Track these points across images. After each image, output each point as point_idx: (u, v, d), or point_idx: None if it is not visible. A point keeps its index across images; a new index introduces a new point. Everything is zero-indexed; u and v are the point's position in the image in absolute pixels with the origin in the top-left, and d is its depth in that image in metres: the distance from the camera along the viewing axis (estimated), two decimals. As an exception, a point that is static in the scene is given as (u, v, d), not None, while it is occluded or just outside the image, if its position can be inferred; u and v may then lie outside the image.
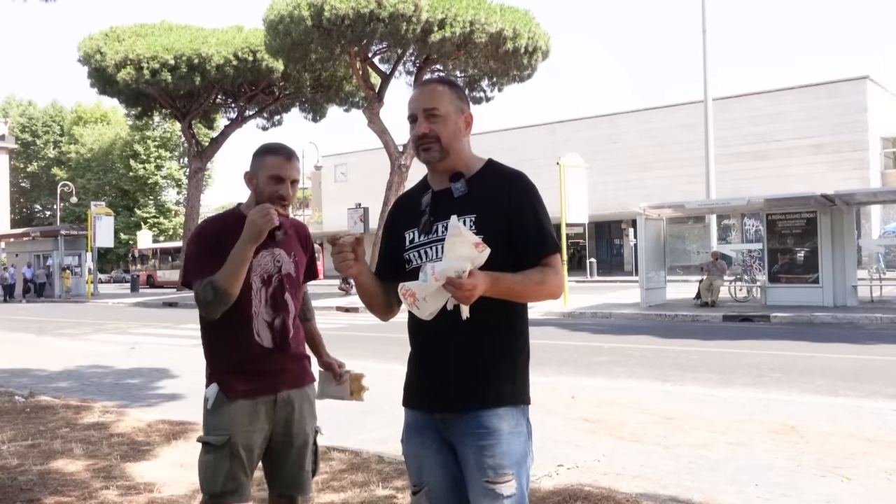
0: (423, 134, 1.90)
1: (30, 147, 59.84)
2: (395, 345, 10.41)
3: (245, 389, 2.26)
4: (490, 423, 1.82)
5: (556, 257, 1.88)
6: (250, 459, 2.27)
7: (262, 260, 2.30)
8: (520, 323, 1.92)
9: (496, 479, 1.78)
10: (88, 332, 14.82)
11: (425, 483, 1.91)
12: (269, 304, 2.31)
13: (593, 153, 31.39)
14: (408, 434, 1.98)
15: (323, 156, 48.82)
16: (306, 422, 2.39)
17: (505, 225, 1.84)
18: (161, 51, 25.72)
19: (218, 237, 2.26)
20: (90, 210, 30.33)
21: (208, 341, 2.35)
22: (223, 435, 2.22)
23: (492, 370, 1.85)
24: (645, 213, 17.26)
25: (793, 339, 10.86)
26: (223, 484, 2.20)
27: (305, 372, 2.43)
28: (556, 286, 1.87)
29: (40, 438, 5.06)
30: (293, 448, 2.36)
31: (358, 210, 26.51)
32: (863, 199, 17.70)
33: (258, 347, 2.28)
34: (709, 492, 3.74)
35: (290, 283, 2.37)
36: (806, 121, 31.92)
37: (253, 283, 2.27)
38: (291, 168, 2.31)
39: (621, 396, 6.41)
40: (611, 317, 15.36)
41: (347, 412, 5.79)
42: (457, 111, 1.93)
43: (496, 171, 1.95)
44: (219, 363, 2.31)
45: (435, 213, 1.90)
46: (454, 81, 2.08)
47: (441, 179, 1.95)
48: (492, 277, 1.72)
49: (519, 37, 21.63)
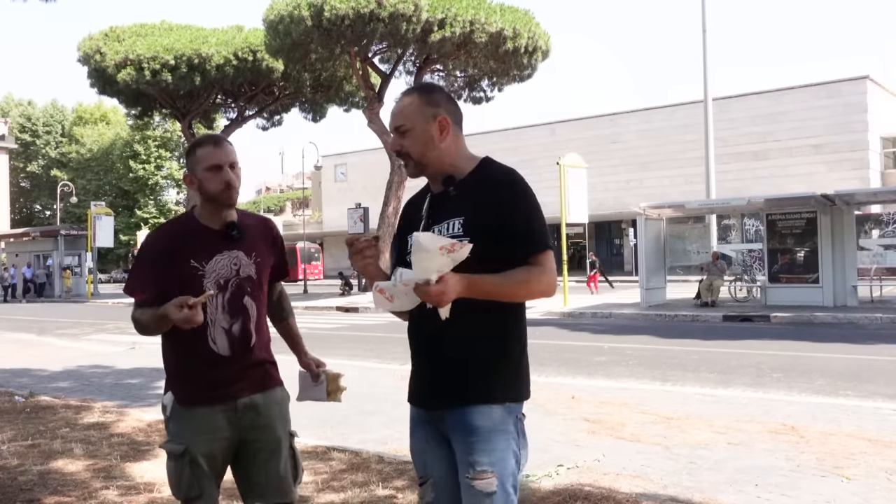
0: (396, 151, 1.97)
1: (30, 147, 59.83)
2: (396, 345, 10.40)
3: (201, 398, 2.18)
4: (473, 420, 1.84)
5: (544, 255, 1.85)
6: (213, 466, 2.19)
7: (217, 265, 2.18)
8: (510, 322, 1.91)
9: (475, 475, 1.81)
10: (88, 332, 14.82)
11: (430, 475, 1.97)
12: (226, 311, 2.19)
13: (593, 153, 31.38)
14: (413, 429, 2.03)
15: (323, 156, 48.78)
16: (275, 426, 2.26)
17: (495, 225, 1.83)
18: (161, 51, 25.71)
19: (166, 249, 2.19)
20: (90, 210, 30.33)
21: (166, 348, 2.27)
22: (180, 444, 2.17)
23: (477, 369, 1.86)
24: (645, 213, 17.27)
25: (793, 339, 10.86)
26: (187, 491, 2.17)
27: (268, 376, 2.30)
28: (545, 285, 1.84)
29: (40, 438, 5.06)
30: (264, 453, 2.25)
31: (358, 210, 26.51)
32: (863, 199, 17.68)
33: (213, 356, 2.18)
34: (709, 492, 3.74)
35: (250, 285, 2.24)
36: (806, 121, 31.92)
37: (207, 289, 2.15)
38: (224, 153, 2.18)
39: (621, 396, 6.41)
40: (611, 317, 15.36)
41: (347, 412, 5.81)
42: (425, 120, 1.91)
43: (487, 171, 1.95)
44: (175, 370, 2.25)
45: (432, 217, 1.94)
46: (427, 86, 2.03)
47: (437, 182, 1.98)
48: (467, 280, 1.73)
49: (519, 37, 21.63)
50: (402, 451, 4.34)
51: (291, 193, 73.52)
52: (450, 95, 2.02)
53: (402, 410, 2.01)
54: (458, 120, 1.98)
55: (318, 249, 44.67)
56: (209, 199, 2.20)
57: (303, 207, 53.33)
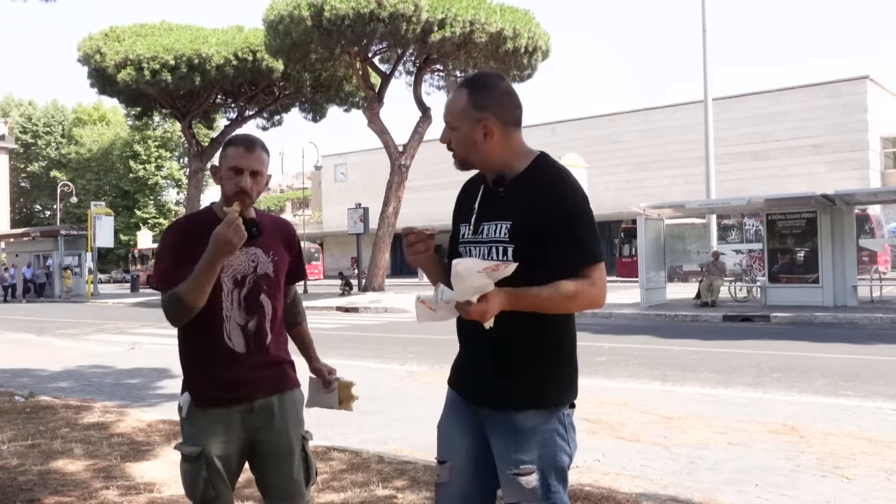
0: (445, 144, 1.94)
1: (30, 148, 59.84)
2: (395, 345, 10.38)
3: (217, 398, 2.16)
4: (517, 421, 1.85)
5: (594, 267, 1.79)
6: (228, 468, 2.18)
7: (236, 260, 2.17)
8: (555, 329, 1.87)
9: (518, 471, 1.83)
10: (88, 332, 14.81)
11: (450, 458, 1.98)
12: (242, 307, 2.18)
13: (593, 153, 31.41)
14: (446, 409, 2.04)
15: (323, 156, 48.83)
16: (289, 428, 2.25)
17: (541, 232, 1.79)
18: (161, 51, 25.72)
19: (189, 239, 2.15)
20: (90, 210, 30.32)
21: (182, 346, 2.26)
22: (196, 446, 2.15)
23: (517, 371, 1.85)
24: (645, 213, 17.27)
25: (793, 339, 10.86)
26: (202, 493, 2.15)
27: (285, 376, 2.28)
28: (593, 297, 1.79)
29: (40, 438, 5.06)
30: (277, 456, 2.24)
31: (358, 210, 26.50)
32: (863, 199, 17.71)
33: (229, 352, 2.16)
34: (709, 492, 3.74)
35: (267, 284, 2.22)
36: (806, 121, 31.95)
37: (224, 284, 2.14)
38: (251, 158, 2.15)
39: (621, 396, 6.41)
40: (611, 317, 15.36)
41: (347, 412, 5.79)
42: (470, 123, 1.86)
43: (540, 171, 1.88)
44: (191, 369, 2.23)
45: (482, 212, 1.92)
46: (479, 82, 1.91)
47: (490, 175, 1.95)
48: (513, 296, 1.71)
49: (519, 37, 21.65)
50: (402, 451, 4.34)
51: (291, 193, 73.49)
52: (506, 92, 1.88)
53: (402, 410, 2.02)
54: (509, 119, 1.88)
55: (319, 249, 44.68)
56: (225, 198, 2.19)
57: (303, 207, 53.35)
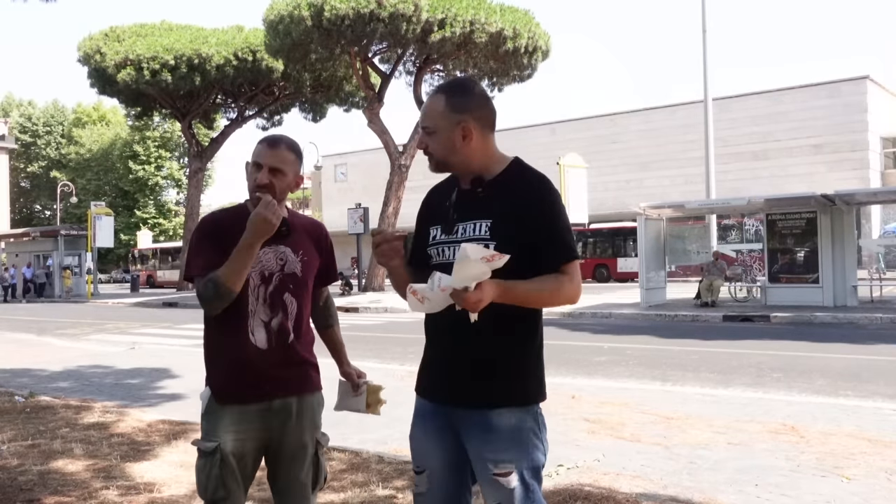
0: (423, 149, 1.96)
1: (30, 148, 59.84)
2: (395, 345, 10.38)
3: (237, 394, 2.16)
4: (494, 421, 1.86)
5: (572, 264, 1.87)
6: (242, 467, 2.18)
7: (264, 256, 2.17)
8: (530, 325, 1.93)
9: (497, 471, 1.85)
10: (88, 332, 14.81)
11: (427, 466, 1.99)
12: (266, 303, 2.18)
13: (593, 153, 31.43)
14: (415, 419, 2.05)
15: (323, 156, 48.87)
16: (304, 431, 2.24)
17: (521, 230, 1.84)
18: (161, 51, 25.73)
19: (221, 230, 2.17)
20: (90, 210, 30.32)
21: (206, 340, 2.27)
22: (213, 441, 2.15)
23: (496, 370, 1.88)
24: (645, 213, 17.27)
25: (793, 339, 10.86)
26: (213, 491, 2.15)
27: (307, 378, 2.27)
28: (571, 293, 1.87)
29: (40, 438, 5.06)
30: (287, 458, 2.23)
31: (358, 210, 26.49)
32: (863, 199, 17.71)
33: (252, 347, 2.16)
34: (709, 492, 3.74)
35: (293, 282, 2.22)
36: (806, 121, 31.97)
37: (251, 279, 2.15)
38: (271, 155, 2.17)
39: (621, 396, 6.40)
40: (611, 317, 15.36)
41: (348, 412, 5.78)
42: (450, 126, 1.89)
43: (518, 174, 1.93)
44: (214, 364, 2.24)
45: (458, 213, 1.94)
46: (457, 87, 1.96)
47: (465, 179, 1.97)
48: (502, 287, 1.74)
49: (519, 37, 21.65)
50: (402, 451, 4.34)
51: (291, 193, 73.55)
52: (482, 95, 1.95)
53: (401, 410, 2.02)
54: (486, 122, 1.93)
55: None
56: (249, 193, 2.21)
57: (303, 207, 53.40)
